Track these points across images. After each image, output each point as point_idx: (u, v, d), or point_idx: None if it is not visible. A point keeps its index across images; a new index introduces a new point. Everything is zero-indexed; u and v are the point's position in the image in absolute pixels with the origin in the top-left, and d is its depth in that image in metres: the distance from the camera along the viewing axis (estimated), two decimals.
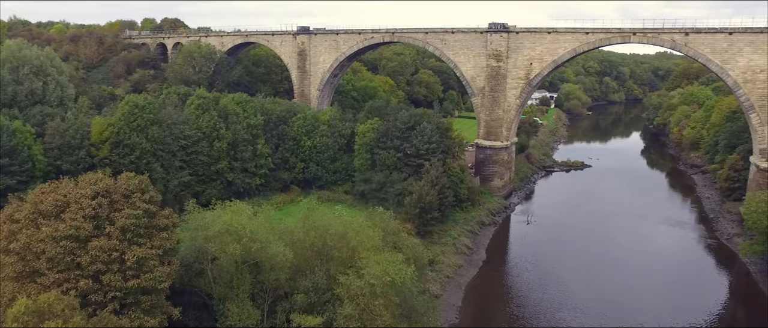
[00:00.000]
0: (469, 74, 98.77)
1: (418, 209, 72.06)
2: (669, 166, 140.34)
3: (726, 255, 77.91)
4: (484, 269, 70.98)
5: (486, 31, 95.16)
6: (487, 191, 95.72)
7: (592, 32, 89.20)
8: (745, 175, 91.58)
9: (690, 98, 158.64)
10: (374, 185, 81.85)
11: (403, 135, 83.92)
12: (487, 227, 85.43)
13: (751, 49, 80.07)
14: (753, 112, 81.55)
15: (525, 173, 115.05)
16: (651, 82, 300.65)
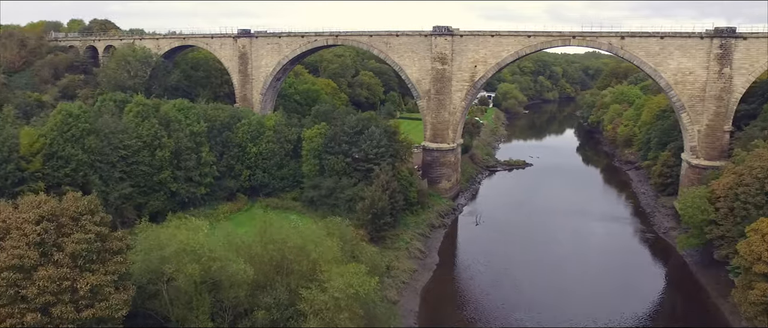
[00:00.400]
0: (415, 77, 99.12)
1: (371, 215, 71.55)
2: (604, 162, 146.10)
3: (663, 248, 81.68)
4: (439, 272, 71.34)
5: (430, 34, 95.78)
6: (435, 193, 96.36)
7: (534, 35, 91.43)
8: (677, 171, 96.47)
9: (621, 97, 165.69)
10: (324, 191, 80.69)
11: (351, 140, 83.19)
12: (438, 229, 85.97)
13: (681, 53, 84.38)
14: (684, 112, 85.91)
15: (470, 174, 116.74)
16: (582, 81, 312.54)
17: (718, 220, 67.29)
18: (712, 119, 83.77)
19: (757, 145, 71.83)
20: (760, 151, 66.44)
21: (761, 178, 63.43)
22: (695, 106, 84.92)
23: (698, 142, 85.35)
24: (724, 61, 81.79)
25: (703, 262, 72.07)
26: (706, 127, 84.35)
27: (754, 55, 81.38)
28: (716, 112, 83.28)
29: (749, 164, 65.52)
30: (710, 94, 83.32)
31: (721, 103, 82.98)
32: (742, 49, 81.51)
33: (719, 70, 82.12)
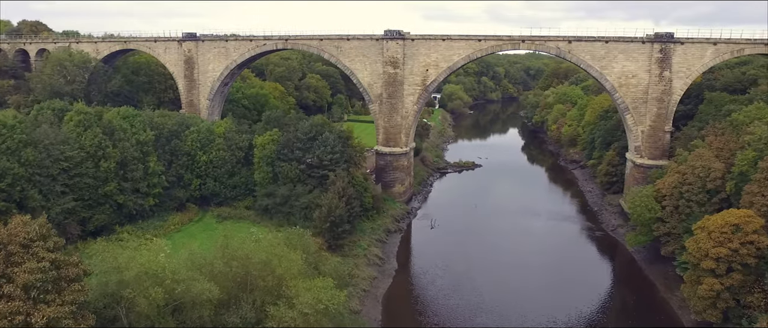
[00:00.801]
0: (366, 81, 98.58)
1: (329, 223, 70.51)
2: (550, 161, 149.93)
3: (613, 245, 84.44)
4: (398, 278, 71.12)
5: (382, 38, 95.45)
6: (389, 198, 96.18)
7: (484, 40, 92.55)
8: (622, 169, 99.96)
9: (564, 97, 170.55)
10: (278, 199, 79.00)
11: (304, 146, 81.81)
12: (394, 234, 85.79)
13: (624, 57, 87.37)
14: (628, 113, 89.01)
15: (422, 177, 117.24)
16: (524, 81, 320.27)
17: (665, 217, 70.16)
18: (654, 120, 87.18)
19: (697, 146, 75.20)
20: (701, 152, 69.56)
21: (703, 177, 66.51)
22: (638, 107, 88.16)
23: (642, 142, 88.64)
24: (664, 65, 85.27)
25: (650, 258, 74.86)
26: (649, 127, 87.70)
27: (690, 59, 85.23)
28: (658, 114, 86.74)
29: (691, 163, 68.53)
30: (652, 97, 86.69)
31: (662, 104, 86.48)
32: (680, 53, 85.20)
33: (660, 74, 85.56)
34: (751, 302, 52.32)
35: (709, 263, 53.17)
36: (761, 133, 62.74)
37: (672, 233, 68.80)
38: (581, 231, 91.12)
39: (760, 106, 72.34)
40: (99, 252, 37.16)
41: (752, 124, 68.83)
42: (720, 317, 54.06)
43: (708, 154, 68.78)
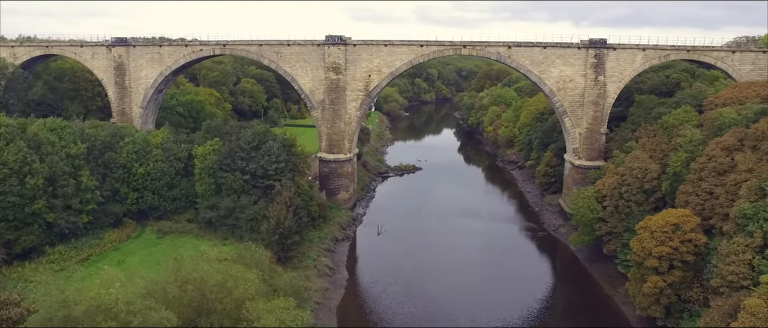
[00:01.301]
0: (308, 87, 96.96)
1: (278, 236, 68.62)
2: (487, 162, 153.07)
3: (555, 245, 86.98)
4: (350, 289, 70.27)
5: (323, 43, 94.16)
6: (334, 205, 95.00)
7: (426, 45, 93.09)
8: (560, 170, 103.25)
9: (498, 99, 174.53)
10: (222, 211, 76.16)
11: (248, 155, 79.27)
12: (341, 242, 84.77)
13: (562, 62, 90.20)
14: (566, 117, 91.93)
15: (364, 182, 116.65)
16: (456, 83, 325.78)
17: (606, 217, 72.87)
18: (591, 123, 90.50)
19: (632, 147, 78.64)
20: (637, 154, 72.68)
21: (640, 178, 69.50)
22: (576, 110, 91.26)
23: (580, 144, 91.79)
24: (599, 70, 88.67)
25: (592, 256, 77.56)
26: (586, 130, 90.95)
27: (622, 64, 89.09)
28: (594, 116, 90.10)
29: (629, 165, 71.48)
30: (588, 100, 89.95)
31: (598, 108, 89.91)
32: (613, 58, 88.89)
33: (595, 78, 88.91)
34: (690, 296, 55.00)
35: (652, 262, 55.46)
36: (691, 136, 66.20)
37: (613, 232, 71.55)
38: (524, 232, 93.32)
39: (687, 110, 76.29)
40: (44, 282, 34.14)
41: (682, 126, 72.59)
42: (663, 312, 56.55)
43: (643, 155, 71.99)
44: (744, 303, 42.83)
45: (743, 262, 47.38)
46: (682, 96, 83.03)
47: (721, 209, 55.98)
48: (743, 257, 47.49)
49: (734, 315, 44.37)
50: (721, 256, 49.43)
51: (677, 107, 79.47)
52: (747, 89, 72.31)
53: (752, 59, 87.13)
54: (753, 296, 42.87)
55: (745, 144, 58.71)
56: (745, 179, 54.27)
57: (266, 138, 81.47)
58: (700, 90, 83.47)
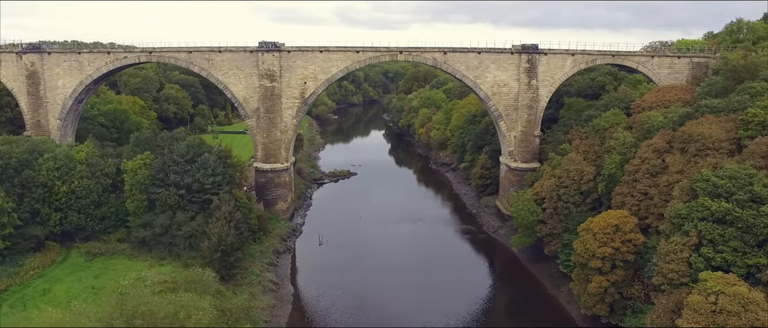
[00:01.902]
0: (242, 95, 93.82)
1: (220, 253, 65.77)
2: (421, 165, 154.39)
3: (496, 247, 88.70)
4: (297, 304, 68.52)
5: (257, 50, 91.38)
6: (273, 216, 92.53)
7: (362, 51, 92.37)
8: (495, 172, 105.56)
9: (428, 101, 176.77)
10: (157, 229, 72.21)
11: (182, 169, 75.62)
12: (283, 255, 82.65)
13: (496, 67, 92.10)
14: (501, 120, 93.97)
15: (301, 190, 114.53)
16: (383, 84, 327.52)
17: (545, 219, 75.01)
18: (525, 126, 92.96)
19: (566, 150, 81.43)
20: (572, 156, 75.29)
21: (577, 180, 72.01)
22: (510, 114, 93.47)
23: (515, 146, 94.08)
24: (531, 74, 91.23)
25: (533, 257, 79.58)
26: (521, 133, 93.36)
27: (553, 68, 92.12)
28: (528, 120, 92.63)
29: (566, 167, 73.90)
30: (522, 104, 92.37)
31: (531, 111, 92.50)
32: (544, 63, 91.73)
33: (528, 82, 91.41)
34: (632, 293, 57.44)
35: (596, 262, 57.44)
36: (624, 139, 69.22)
37: (553, 233, 73.73)
38: (465, 235, 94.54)
39: (616, 113, 79.89)
40: None
41: (613, 129, 75.90)
42: (607, 311, 58.71)
43: (578, 158, 74.68)
44: (687, 300, 45.05)
45: (681, 260, 49.85)
46: (609, 99, 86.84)
47: (655, 209, 58.82)
48: (681, 255, 49.96)
49: (678, 312, 46.60)
50: (660, 255, 51.79)
51: (607, 110, 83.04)
52: (669, 93, 76.56)
53: (669, 64, 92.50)
54: (694, 294, 45.12)
55: (673, 146, 62.01)
56: (677, 179, 57.25)
57: (201, 150, 78.06)
58: (626, 93, 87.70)
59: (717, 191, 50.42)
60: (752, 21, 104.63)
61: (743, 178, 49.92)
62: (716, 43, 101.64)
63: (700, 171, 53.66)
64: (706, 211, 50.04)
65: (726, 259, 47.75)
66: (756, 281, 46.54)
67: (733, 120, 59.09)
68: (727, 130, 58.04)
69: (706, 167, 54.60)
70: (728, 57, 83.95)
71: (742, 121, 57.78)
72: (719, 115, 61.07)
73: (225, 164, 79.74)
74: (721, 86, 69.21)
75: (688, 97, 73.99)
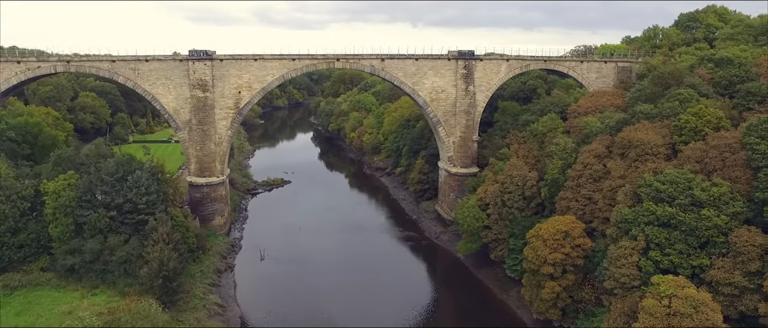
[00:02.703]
0: (172, 107, 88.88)
1: (161, 279, 61.75)
2: (353, 169, 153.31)
3: (441, 253, 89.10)
4: (246, 326, 65.52)
5: (187, 58, 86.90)
6: (210, 232, 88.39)
7: (299, 59, 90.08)
8: (433, 176, 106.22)
9: (358, 105, 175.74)
10: (87, 255, 66.68)
11: (112, 189, 70.60)
12: (225, 274, 79.15)
13: (434, 73, 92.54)
14: (440, 126, 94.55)
15: (235, 202, 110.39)
16: (308, 87, 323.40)
17: (491, 224, 76.05)
18: (464, 131, 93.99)
19: (505, 154, 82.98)
20: (514, 162, 76.73)
21: (520, 185, 73.46)
22: (449, 120, 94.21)
23: (454, 152, 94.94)
24: (468, 80, 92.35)
25: (479, 262, 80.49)
26: (460, 138, 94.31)
27: (489, 74, 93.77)
28: (467, 125, 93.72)
29: (508, 173, 75.22)
30: (460, 109, 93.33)
31: (469, 116, 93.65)
32: (480, 69, 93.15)
33: (466, 88, 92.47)
34: (583, 297, 59.17)
35: (548, 268, 58.67)
36: (564, 144, 71.27)
37: (499, 238, 74.87)
38: (407, 241, 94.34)
39: (553, 117, 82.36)
40: None
41: (552, 134, 78.11)
42: (560, 315, 60.12)
43: (520, 163, 76.24)
44: (642, 304, 46.71)
45: (632, 264, 51.75)
46: (544, 104, 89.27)
47: (600, 213, 60.87)
48: (631, 259, 51.86)
49: (633, 315, 48.29)
50: (611, 259, 53.51)
51: (543, 115, 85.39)
52: (602, 98, 79.69)
53: (597, 68, 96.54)
54: (648, 298, 46.83)
55: (613, 151, 64.42)
56: (620, 184, 59.47)
57: (132, 167, 73.23)
58: (560, 98, 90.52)
59: (660, 195, 52.70)
60: (666, 27, 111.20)
61: (683, 182, 52.45)
62: (636, 48, 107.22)
63: (642, 176, 55.95)
64: (651, 215, 52.19)
65: (673, 261, 49.98)
66: (700, 281, 49.02)
67: (667, 126, 62.09)
68: (662, 136, 60.91)
69: (646, 171, 56.99)
70: (651, 62, 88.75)
71: (676, 127, 60.85)
72: (653, 120, 64.00)
73: (158, 180, 75.31)
74: (649, 92, 72.67)
75: (620, 103, 77.28)
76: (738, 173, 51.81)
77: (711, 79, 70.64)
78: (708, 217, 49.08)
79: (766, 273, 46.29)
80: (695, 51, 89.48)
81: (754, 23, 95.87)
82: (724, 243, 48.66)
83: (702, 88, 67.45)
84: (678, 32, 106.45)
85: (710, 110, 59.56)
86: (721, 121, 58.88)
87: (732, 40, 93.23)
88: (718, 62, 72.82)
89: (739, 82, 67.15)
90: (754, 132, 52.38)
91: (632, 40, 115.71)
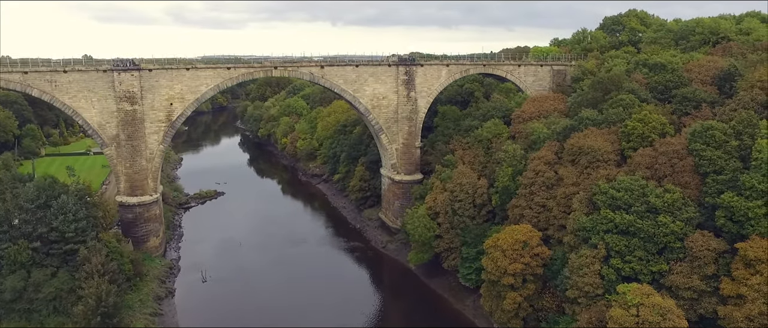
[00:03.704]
0: (96, 121, 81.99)
1: (100, 317, 56.50)
2: (288, 176, 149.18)
3: (389, 262, 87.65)
4: None
5: (112, 69, 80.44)
6: (145, 255, 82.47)
7: (234, 67, 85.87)
8: (375, 183, 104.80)
9: (288, 109, 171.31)
10: (7, 293, 60.26)
11: (34, 217, 64.22)
12: (166, 300, 74.08)
13: (374, 79, 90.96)
14: (382, 134, 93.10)
15: (168, 218, 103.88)
16: (231, 90, 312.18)
17: (442, 233, 75.47)
18: (406, 138, 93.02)
19: (451, 161, 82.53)
20: (463, 170, 76.41)
21: (471, 193, 73.24)
22: (391, 127, 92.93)
23: (397, 159, 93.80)
24: (410, 86, 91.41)
25: (431, 272, 79.67)
26: (403, 145, 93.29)
27: (430, 79, 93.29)
28: (409, 132, 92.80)
29: (458, 181, 74.71)
30: (402, 116, 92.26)
31: (412, 123, 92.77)
32: (421, 74, 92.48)
33: (407, 94, 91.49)
34: (544, 305, 59.50)
35: (508, 279, 58.51)
36: (513, 151, 71.58)
37: (451, 247, 74.40)
38: (353, 252, 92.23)
39: (497, 123, 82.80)
40: None
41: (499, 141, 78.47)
42: (521, 324, 60.16)
43: (469, 170, 76.07)
44: (610, 314, 47.26)
45: (594, 273, 52.42)
46: (487, 108, 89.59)
47: (555, 221, 61.50)
48: (593, 267, 52.54)
49: (600, 324, 48.85)
50: (573, 268, 53.99)
51: (486, 120, 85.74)
52: (545, 103, 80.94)
53: (533, 72, 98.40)
54: (615, 307, 47.44)
55: (563, 158, 65.30)
56: (573, 191, 60.30)
57: (56, 191, 66.93)
58: (501, 102, 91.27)
59: (616, 203, 53.70)
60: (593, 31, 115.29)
61: (637, 189, 53.70)
62: (567, 50, 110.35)
63: (597, 183, 56.89)
64: (610, 223, 53.09)
65: (634, 268, 51.02)
66: (660, 287, 50.31)
67: (614, 132, 63.61)
68: (611, 142, 62.31)
69: (599, 178, 58.02)
70: (585, 66, 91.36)
71: (623, 133, 62.43)
72: (600, 127, 65.40)
73: (87, 204, 69.20)
74: (591, 97, 74.43)
75: (563, 107, 78.81)
76: (687, 179, 53.62)
77: (647, 84, 73.25)
78: (664, 223, 50.42)
79: (721, 276, 48.10)
80: (624, 55, 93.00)
81: (674, 28, 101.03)
82: (680, 248, 50.14)
83: (641, 94, 69.74)
84: (604, 35, 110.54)
85: (654, 116, 61.50)
86: (665, 127, 60.93)
87: (656, 43, 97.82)
88: (652, 67, 75.67)
89: (674, 87, 69.94)
90: (699, 139, 54.37)
91: (561, 42, 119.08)
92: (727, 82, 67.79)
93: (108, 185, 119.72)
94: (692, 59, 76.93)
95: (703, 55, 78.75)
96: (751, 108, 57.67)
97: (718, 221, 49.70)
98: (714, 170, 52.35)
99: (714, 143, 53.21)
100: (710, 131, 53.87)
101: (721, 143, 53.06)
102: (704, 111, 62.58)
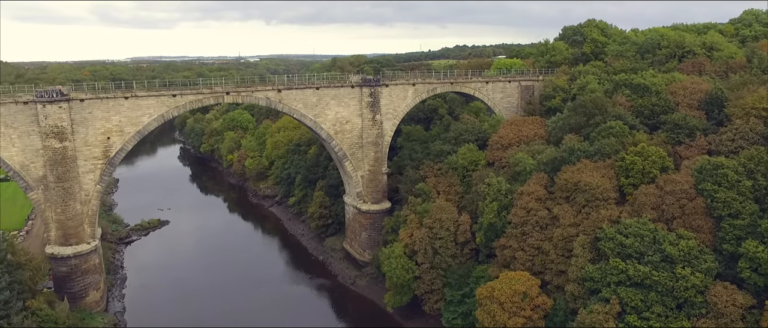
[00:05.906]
0: (18, 161, 70.90)
1: None
2: (236, 197, 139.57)
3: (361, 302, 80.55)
4: None
5: (35, 100, 69.57)
6: (84, 312, 72.16)
7: (181, 94, 76.58)
8: (336, 210, 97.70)
9: (233, 123, 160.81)
10: None
11: None
12: None
13: (337, 103, 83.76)
14: (347, 160, 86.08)
15: (108, 260, 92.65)
16: None
17: (421, 274, 69.31)
18: (372, 164, 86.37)
19: (423, 189, 76.31)
20: (442, 204, 70.28)
21: (452, 230, 67.54)
22: (356, 153, 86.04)
23: (364, 187, 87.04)
24: (375, 109, 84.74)
25: (409, 314, 73.54)
26: (369, 172, 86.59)
27: (396, 100, 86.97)
28: (375, 157, 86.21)
29: (437, 216, 68.73)
30: (368, 141, 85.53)
31: (377, 148, 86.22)
32: (386, 95, 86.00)
33: (372, 117, 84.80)
34: None
35: None
36: (498, 185, 66.13)
37: (433, 289, 68.41)
38: (320, 291, 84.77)
39: (472, 149, 77.38)
40: None
41: (475, 169, 73.08)
42: None
43: (448, 205, 70.17)
44: None
45: None
46: (459, 131, 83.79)
47: (553, 265, 56.55)
48: (606, 325, 47.76)
49: None
50: (584, 326, 49.05)
51: (458, 144, 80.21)
52: (523, 127, 76.09)
53: (501, 88, 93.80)
54: None
55: (556, 194, 60.42)
56: (572, 233, 55.54)
57: None
58: (473, 123, 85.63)
59: (626, 251, 49.24)
60: (552, 42, 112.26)
61: (647, 235, 49.42)
62: (531, 63, 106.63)
63: (600, 227, 52.34)
64: (621, 274, 48.55)
65: (652, 326, 46.55)
66: None
67: (610, 166, 59.29)
68: (609, 178, 57.91)
69: (601, 220, 53.56)
70: (555, 82, 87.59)
71: (621, 168, 58.19)
72: (593, 159, 60.93)
73: (10, 266, 58.88)
74: (573, 122, 70.20)
75: (543, 132, 74.24)
76: (700, 222, 49.79)
77: (631, 107, 69.70)
78: (683, 276, 46.19)
79: None
80: (593, 69, 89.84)
81: (639, 40, 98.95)
82: (702, 303, 46.06)
83: (628, 119, 65.98)
84: (567, 47, 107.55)
85: (652, 149, 57.55)
86: (664, 161, 57.04)
87: (622, 57, 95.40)
88: (635, 89, 72.22)
89: (662, 112, 66.58)
90: (709, 178, 50.64)
91: (527, 56, 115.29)
92: (715, 107, 64.88)
93: (34, 220, 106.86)
94: (674, 80, 73.98)
95: (685, 76, 75.94)
96: (754, 140, 54.60)
97: (742, 273, 45.94)
98: (729, 214, 48.63)
99: (726, 183, 49.55)
100: (721, 170, 50.18)
101: (734, 183, 49.42)
102: (699, 141, 59.26)
